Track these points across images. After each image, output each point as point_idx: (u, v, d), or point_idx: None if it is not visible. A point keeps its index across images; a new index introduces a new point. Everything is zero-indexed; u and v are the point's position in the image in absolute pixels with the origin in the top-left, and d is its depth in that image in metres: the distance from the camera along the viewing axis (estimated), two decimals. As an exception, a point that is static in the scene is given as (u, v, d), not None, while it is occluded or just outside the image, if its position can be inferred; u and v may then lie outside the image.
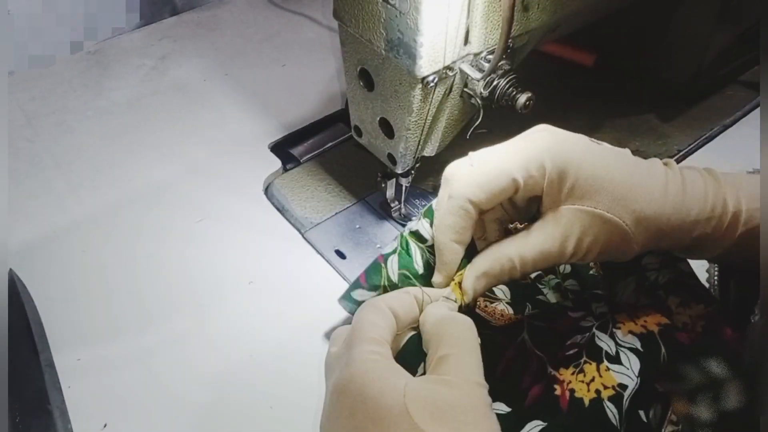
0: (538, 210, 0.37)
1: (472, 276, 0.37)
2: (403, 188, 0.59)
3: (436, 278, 0.40)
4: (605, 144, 0.37)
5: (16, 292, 0.54)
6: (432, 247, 0.40)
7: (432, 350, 0.34)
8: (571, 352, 0.38)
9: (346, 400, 0.31)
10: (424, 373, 0.34)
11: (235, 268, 0.59)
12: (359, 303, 0.42)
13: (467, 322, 0.35)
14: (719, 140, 0.72)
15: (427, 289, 0.39)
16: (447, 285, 0.39)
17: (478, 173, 0.35)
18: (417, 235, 0.41)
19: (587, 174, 0.34)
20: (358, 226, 0.62)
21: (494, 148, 0.36)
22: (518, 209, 0.39)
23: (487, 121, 0.51)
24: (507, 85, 0.47)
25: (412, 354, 0.36)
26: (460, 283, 0.39)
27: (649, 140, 0.71)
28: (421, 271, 0.41)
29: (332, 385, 0.33)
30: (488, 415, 0.31)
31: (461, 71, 0.47)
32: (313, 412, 0.48)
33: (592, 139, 0.37)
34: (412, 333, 0.37)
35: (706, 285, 0.42)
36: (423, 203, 0.63)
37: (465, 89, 0.49)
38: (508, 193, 0.35)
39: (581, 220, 0.34)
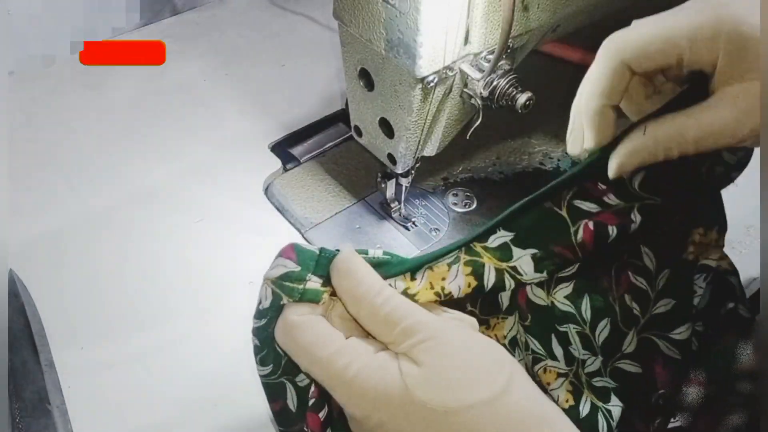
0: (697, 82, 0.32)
1: (625, 152, 0.32)
2: (403, 188, 0.59)
3: (591, 147, 0.34)
4: None
5: (16, 292, 0.54)
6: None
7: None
8: None
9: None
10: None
11: (235, 268, 0.59)
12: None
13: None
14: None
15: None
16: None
17: (637, 33, 0.32)
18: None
19: None
20: (358, 227, 0.62)
21: (663, 13, 0.32)
22: (676, 79, 0.34)
23: (487, 121, 0.51)
24: (507, 85, 0.47)
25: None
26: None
27: (649, 140, 0.71)
28: None
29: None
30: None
31: (461, 71, 0.47)
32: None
33: None
34: None
35: None
36: (423, 203, 0.63)
37: (465, 89, 0.49)
38: (669, 61, 0.31)
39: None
